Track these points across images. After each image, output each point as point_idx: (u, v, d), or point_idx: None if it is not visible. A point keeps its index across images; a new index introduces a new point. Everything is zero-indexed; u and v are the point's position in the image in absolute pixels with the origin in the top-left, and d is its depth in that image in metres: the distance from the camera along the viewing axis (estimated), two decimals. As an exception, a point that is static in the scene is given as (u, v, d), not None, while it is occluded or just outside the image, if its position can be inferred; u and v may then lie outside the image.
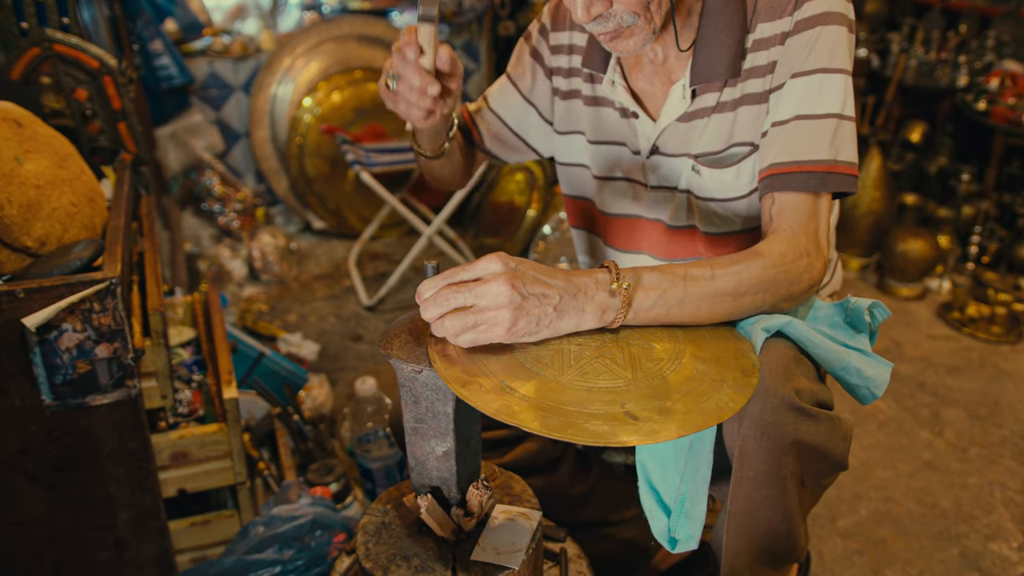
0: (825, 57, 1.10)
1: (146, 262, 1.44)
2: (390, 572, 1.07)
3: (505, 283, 0.92)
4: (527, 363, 0.95)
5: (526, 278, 0.95)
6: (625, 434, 0.87)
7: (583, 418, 0.88)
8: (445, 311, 0.94)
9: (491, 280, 0.93)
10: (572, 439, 0.85)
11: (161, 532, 1.43)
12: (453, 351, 0.97)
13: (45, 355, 1.21)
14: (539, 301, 0.95)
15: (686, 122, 1.22)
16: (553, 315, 0.96)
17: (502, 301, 0.92)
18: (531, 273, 0.96)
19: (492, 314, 0.93)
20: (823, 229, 1.10)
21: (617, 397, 0.92)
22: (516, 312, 0.93)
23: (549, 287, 0.96)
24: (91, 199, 1.39)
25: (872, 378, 1.07)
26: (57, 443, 1.28)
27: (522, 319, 0.94)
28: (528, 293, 0.94)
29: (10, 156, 1.27)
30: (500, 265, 0.94)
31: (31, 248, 1.24)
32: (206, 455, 1.42)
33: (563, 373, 0.94)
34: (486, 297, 0.92)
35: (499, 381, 0.92)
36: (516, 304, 0.93)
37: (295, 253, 3.29)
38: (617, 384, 0.94)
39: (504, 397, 0.89)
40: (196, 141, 3.21)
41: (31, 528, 1.32)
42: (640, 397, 0.92)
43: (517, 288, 0.93)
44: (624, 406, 0.90)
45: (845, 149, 1.11)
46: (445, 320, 0.94)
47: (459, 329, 0.93)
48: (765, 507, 1.03)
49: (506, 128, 1.43)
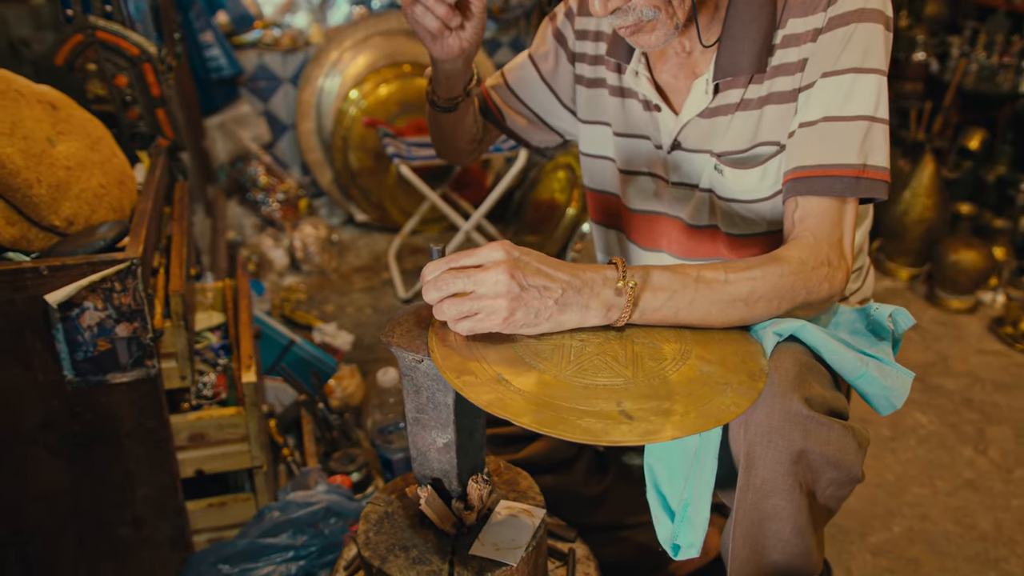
0: (858, 56, 1.06)
1: (173, 246, 1.47)
2: (388, 562, 1.06)
3: (504, 272, 0.91)
4: (526, 356, 0.94)
5: (528, 269, 0.93)
6: (618, 433, 0.84)
7: (576, 415, 0.86)
8: (444, 295, 0.93)
9: (491, 268, 0.91)
10: (563, 435, 0.83)
11: (178, 511, 1.45)
12: (453, 340, 0.96)
13: (67, 332, 1.24)
14: (539, 293, 0.93)
15: (708, 118, 1.19)
16: (554, 308, 0.94)
17: (500, 290, 0.91)
18: (534, 264, 0.94)
19: (489, 302, 0.91)
20: (848, 237, 1.06)
21: (614, 395, 0.89)
22: (514, 302, 0.91)
23: (552, 280, 0.94)
24: (121, 182, 1.42)
25: (891, 388, 1.02)
26: (78, 418, 1.31)
27: (520, 310, 0.92)
28: (528, 284, 0.92)
29: (43, 137, 1.30)
30: (502, 253, 0.93)
31: (59, 227, 1.27)
32: (223, 437, 1.44)
33: (562, 368, 0.92)
34: (484, 285, 0.91)
35: (495, 373, 0.90)
36: (514, 294, 0.91)
37: (336, 244, 3.33)
38: (616, 382, 0.91)
39: (498, 389, 0.88)
40: (244, 132, 3.27)
41: (54, 501, 1.36)
42: (638, 396, 0.89)
43: (516, 278, 0.91)
44: (620, 405, 0.88)
45: (876, 153, 1.07)
46: (444, 304, 0.93)
47: (457, 315, 0.92)
48: (773, 517, 0.99)
49: (525, 107, 1.42)
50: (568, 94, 1.39)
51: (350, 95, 3.30)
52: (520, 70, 1.41)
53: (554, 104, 1.41)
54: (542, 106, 1.41)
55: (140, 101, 1.77)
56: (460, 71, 1.24)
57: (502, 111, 1.44)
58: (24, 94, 1.31)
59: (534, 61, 1.39)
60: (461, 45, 1.16)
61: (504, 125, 1.45)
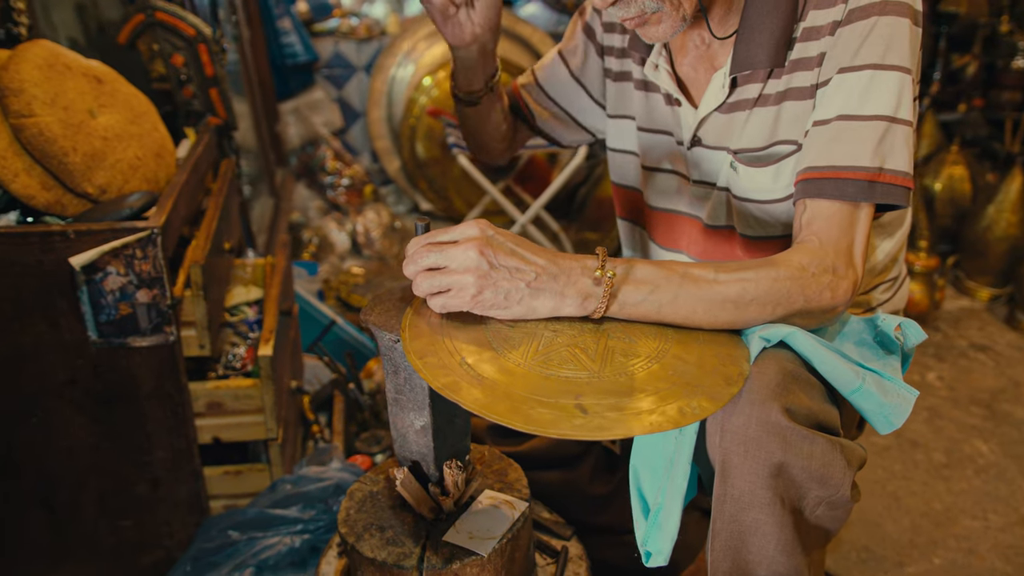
0: (879, 51, 0.99)
1: (204, 219, 1.52)
2: (362, 539, 1.07)
3: (474, 248, 0.90)
4: (495, 342, 0.92)
5: (500, 248, 0.92)
6: (568, 427, 0.82)
7: (531, 405, 0.84)
8: (419, 269, 0.92)
9: (463, 244, 0.91)
10: (510, 424, 0.81)
11: (195, 475, 1.50)
12: (427, 321, 0.95)
13: (91, 294, 1.29)
14: (509, 274, 0.91)
15: (727, 113, 1.14)
16: (526, 292, 0.92)
17: (469, 265, 0.90)
18: (509, 245, 0.92)
19: (458, 278, 0.90)
20: (859, 245, 1.00)
21: (574, 388, 0.87)
22: (482, 280, 0.90)
23: (525, 262, 0.92)
24: (158, 155, 1.47)
25: (890, 405, 0.95)
26: (102, 378, 1.37)
27: (488, 289, 0.91)
28: (499, 264, 0.91)
29: (84, 108, 1.36)
30: (476, 230, 0.92)
31: (91, 194, 1.33)
32: (239, 408, 1.48)
33: (527, 357, 0.90)
34: (455, 260, 0.90)
35: (460, 357, 0.89)
36: (483, 272, 0.90)
37: (398, 231, 3.38)
38: (579, 375, 0.89)
39: (457, 373, 0.87)
40: (316, 117, 3.36)
41: (77, 455, 1.42)
42: (598, 392, 0.87)
43: (486, 255, 0.90)
44: (579, 398, 0.85)
45: (895, 156, 1.00)
46: (418, 278, 0.92)
47: (428, 289, 0.92)
48: (755, 532, 0.94)
49: (556, 106, 1.39)
50: (598, 89, 1.36)
51: (423, 82, 3.33)
52: (550, 67, 1.39)
53: (584, 100, 1.38)
54: (572, 103, 1.39)
55: (195, 80, 1.84)
56: (476, 61, 1.23)
57: (532, 110, 1.42)
58: (71, 67, 1.38)
59: (563, 57, 1.37)
60: (473, 30, 1.15)
61: (534, 124, 1.43)
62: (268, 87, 3.14)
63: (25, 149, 1.27)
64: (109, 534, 1.51)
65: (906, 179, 1.00)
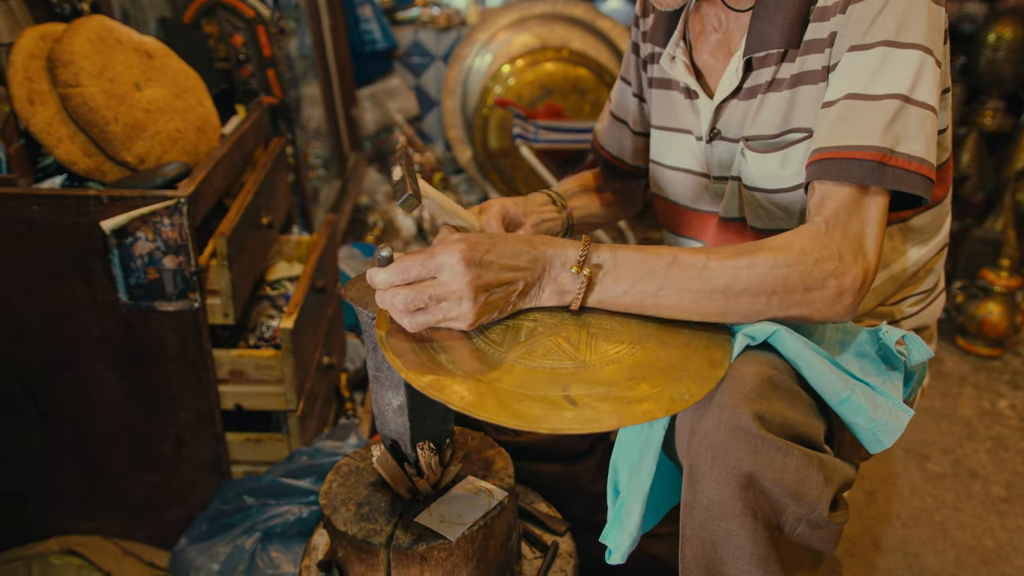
0: (892, 28, 0.92)
1: (241, 193, 1.57)
2: (338, 512, 1.08)
3: (468, 297, 0.86)
4: (474, 335, 0.91)
5: (491, 276, 0.88)
6: (559, 420, 0.79)
7: (518, 399, 0.82)
8: (401, 312, 0.88)
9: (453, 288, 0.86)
10: (500, 422, 0.80)
11: (216, 439, 1.55)
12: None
13: (122, 258, 1.36)
14: (503, 296, 0.89)
15: (744, 100, 1.09)
16: (515, 300, 0.91)
17: (463, 310, 0.87)
18: (495, 265, 0.88)
19: (453, 317, 0.88)
20: (872, 232, 0.91)
21: (561, 380, 0.85)
22: (479, 311, 0.88)
23: (514, 276, 0.89)
24: (200, 129, 1.53)
25: (880, 422, 0.89)
26: (132, 338, 1.44)
27: (485, 315, 0.89)
28: (494, 289, 0.88)
29: (130, 81, 1.43)
30: (462, 268, 0.86)
31: (130, 163, 1.40)
32: (260, 377, 1.53)
33: (510, 350, 0.89)
34: (447, 311, 0.88)
35: (440, 353, 0.88)
36: (479, 307, 0.88)
37: (464, 221, 3.40)
38: (564, 366, 0.86)
39: (439, 370, 0.86)
40: (392, 104, 3.42)
41: (108, 411, 1.50)
42: (586, 382, 0.84)
43: (478, 300, 0.87)
44: (566, 390, 0.83)
45: (910, 139, 0.92)
46: (406, 319, 0.89)
47: (420, 327, 0.89)
48: (727, 543, 0.90)
49: (632, 133, 1.35)
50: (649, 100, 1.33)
51: (502, 70, 3.33)
52: (618, 94, 1.36)
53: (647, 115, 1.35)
54: (644, 124, 1.34)
55: (253, 60, 1.90)
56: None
57: (619, 157, 1.38)
58: (122, 42, 1.45)
59: (625, 80, 1.34)
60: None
61: (628, 167, 1.38)
62: (347, 72, 3.22)
63: (71, 117, 1.35)
64: (137, 488, 1.59)
65: (923, 166, 0.92)
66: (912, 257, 1.14)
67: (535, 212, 1.18)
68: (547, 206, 1.22)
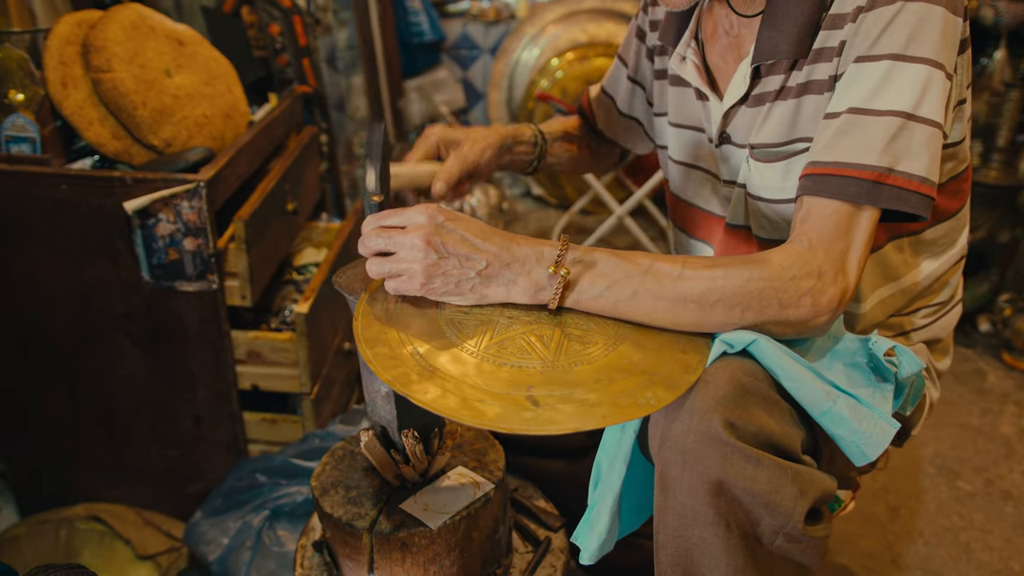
0: (901, 40, 0.89)
1: (266, 178, 1.60)
2: (327, 495, 1.11)
3: (421, 238, 0.89)
4: (447, 329, 0.91)
5: (450, 236, 0.90)
6: (518, 421, 0.79)
7: (480, 397, 0.82)
8: (369, 253, 0.93)
9: (410, 231, 0.90)
10: (460, 420, 0.80)
11: (233, 418, 1.60)
12: (382, 306, 0.96)
13: (145, 238, 1.41)
14: (459, 263, 0.90)
15: (752, 107, 1.07)
16: (477, 280, 0.91)
17: (416, 255, 0.89)
18: (459, 232, 0.91)
19: (406, 266, 0.90)
20: (856, 251, 0.90)
21: (527, 379, 0.84)
22: (430, 269, 0.89)
23: (477, 251, 0.90)
24: (228, 115, 1.57)
25: (864, 434, 0.86)
26: (153, 316, 1.49)
27: (438, 278, 0.90)
28: (448, 252, 0.90)
29: (160, 68, 1.48)
30: (424, 217, 0.90)
31: (157, 146, 1.45)
32: (276, 359, 1.56)
33: (481, 346, 0.89)
34: (403, 248, 0.90)
35: (412, 347, 0.89)
36: (431, 262, 0.89)
37: (505, 213, 3.41)
38: (533, 365, 0.86)
39: (407, 364, 0.86)
40: (438, 96, 3.45)
41: (132, 385, 1.56)
42: (551, 383, 0.84)
43: (433, 244, 0.89)
44: (530, 390, 0.83)
45: (910, 158, 0.89)
46: (370, 263, 0.93)
47: (379, 274, 0.93)
48: (702, 551, 0.88)
49: (617, 111, 1.36)
50: (651, 89, 1.32)
51: (550, 63, 3.33)
52: (612, 73, 1.37)
53: (640, 102, 1.35)
54: (631, 106, 1.35)
55: (289, 49, 1.94)
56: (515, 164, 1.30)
57: (601, 120, 1.40)
58: (155, 30, 1.50)
59: (622, 60, 1.34)
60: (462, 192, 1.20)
61: (606, 135, 1.41)
62: (394, 64, 3.25)
63: (101, 101, 1.40)
64: (159, 461, 1.65)
65: (923, 185, 0.90)
66: (925, 270, 1.11)
67: (481, 141, 1.20)
68: (519, 144, 1.28)
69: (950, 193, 1.08)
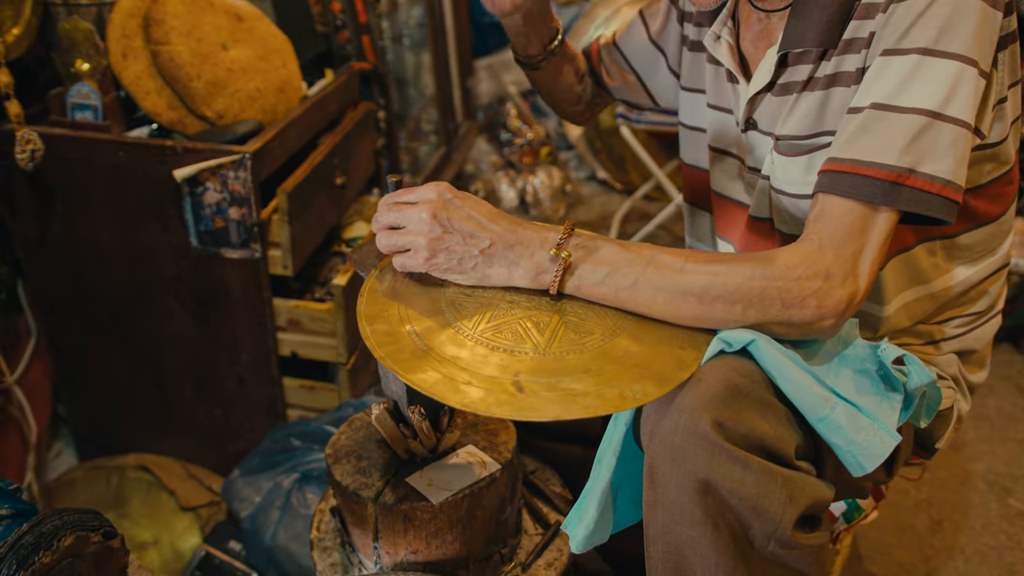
0: (931, 34, 0.85)
1: (314, 153, 1.65)
2: (339, 463, 1.14)
3: (427, 211, 0.91)
4: (448, 310, 0.93)
5: (456, 213, 0.92)
6: (497, 405, 0.81)
7: (467, 378, 0.84)
8: (381, 227, 0.95)
9: (419, 205, 0.92)
10: (440, 399, 0.81)
11: (273, 382, 1.66)
12: (388, 283, 0.98)
13: (193, 206, 1.47)
14: (463, 240, 0.91)
15: (778, 96, 1.04)
16: (480, 259, 0.92)
17: (422, 228, 0.91)
18: (466, 210, 0.92)
19: (412, 239, 0.92)
20: (869, 254, 0.87)
21: (516, 364, 0.85)
22: (434, 243, 0.91)
23: (482, 229, 0.92)
24: (280, 90, 1.62)
25: (861, 444, 0.84)
26: (200, 280, 1.56)
27: (441, 253, 0.92)
28: (453, 228, 0.91)
29: (217, 41, 1.53)
30: (434, 193, 0.93)
31: (209, 117, 1.50)
32: (315, 328, 1.61)
33: (477, 328, 0.90)
34: (410, 221, 0.92)
35: (409, 326, 0.91)
36: (435, 235, 0.91)
37: (568, 196, 3.40)
38: (524, 349, 0.87)
39: (402, 342, 0.88)
40: (507, 75, 3.45)
41: (180, 345, 1.64)
42: (540, 369, 0.85)
43: (439, 219, 0.91)
44: (518, 376, 0.84)
45: (934, 159, 0.86)
46: (379, 236, 0.96)
47: (387, 247, 0.95)
48: (693, 549, 0.87)
49: (630, 69, 1.35)
50: (675, 57, 1.30)
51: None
52: (629, 27, 1.35)
53: (659, 65, 1.32)
54: (644, 66, 1.34)
55: (349, 26, 1.98)
56: (523, 28, 1.22)
57: (609, 70, 1.38)
58: (214, 4, 1.56)
59: (644, 19, 1.32)
60: (513, 1, 1.14)
61: (604, 84, 1.39)
62: (466, 42, 3.27)
63: (159, 73, 1.46)
64: (204, 419, 1.73)
65: (947, 188, 0.86)
66: (958, 276, 1.06)
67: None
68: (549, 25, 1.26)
69: (990, 196, 1.02)
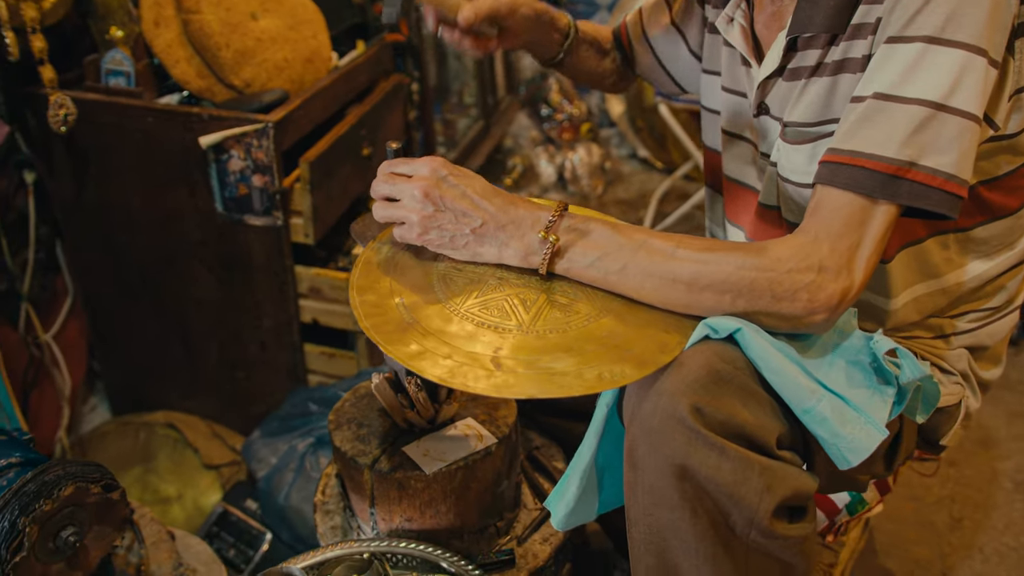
0: (938, 22, 0.82)
1: (339, 124, 1.67)
2: (340, 429, 1.17)
3: (420, 189, 0.91)
4: (437, 284, 0.94)
5: (450, 191, 0.92)
6: (474, 380, 0.82)
7: (448, 352, 0.85)
8: (378, 196, 0.97)
9: (413, 181, 0.93)
10: (417, 371, 0.83)
11: (294, 347, 1.70)
12: (384, 255, 0.99)
13: (219, 172, 1.51)
14: (455, 218, 0.92)
15: (787, 81, 1.01)
16: (471, 238, 0.92)
17: (415, 205, 0.92)
18: (461, 188, 0.92)
19: (405, 213, 0.93)
20: (866, 248, 0.85)
21: (498, 340, 0.86)
22: (425, 221, 0.92)
23: (475, 208, 0.92)
24: (309, 60, 1.64)
25: (847, 437, 0.82)
26: (225, 245, 1.60)
27: (433, 231, 0.92)
28: (445, 206, 0.92)
29: (247, 11, 1.56)
30: (428, 169, 0.93)
31: (237, 86, 1.53)
32: (334, 296, 1.64)
33: (464, 303, 0.91)
34: (403, 195, 0.93)
35: (398, 298, 0.92)
36: (427, 213, 0.92)
37: (607, 173, 3.38)
38: (508, 326, 0.88)
39: (388, 314, 0.90)
40: (550, 50, 3.42)
41: (205, 307, 1.69)
42: (520, 346, 0.85)
43: (432, 197, 0.91)
44: (497, 352, 0.85)
45: (937, 152, 0.83)
46: (375, 206, 0.97)
47: (383, 218, 0.96)
48: (674, 535, 0.87)
49: (652, 53, 1.33)
50: (696, 39, 1.27)
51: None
52: (653, 8, 1.32)
53: (679, 49, 1.30)
54: (664, 50, 1.31)
55: (383, -2, 1.98)
56: (532, 48, 1.26)
57: (635, 51, 1.36)
58: (245, -27, 1.58)
59: (668, 1, 1.30)
60: (488, 45, 1.16)
61: (633, 66, 1.38)
62: (508, 15, 3.24)
63: (189, 41, 1.49)
64: (228, 381, 1.78)
65: (949, 182, 0.83)
66: (972, 271, 1.03)
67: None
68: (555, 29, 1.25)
69: (1007, 189, 0.99)
